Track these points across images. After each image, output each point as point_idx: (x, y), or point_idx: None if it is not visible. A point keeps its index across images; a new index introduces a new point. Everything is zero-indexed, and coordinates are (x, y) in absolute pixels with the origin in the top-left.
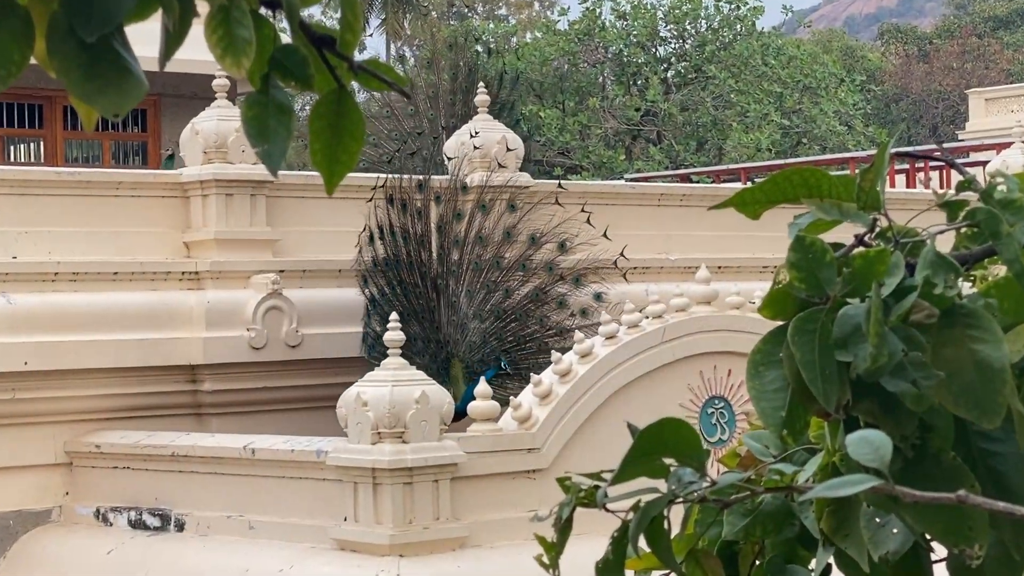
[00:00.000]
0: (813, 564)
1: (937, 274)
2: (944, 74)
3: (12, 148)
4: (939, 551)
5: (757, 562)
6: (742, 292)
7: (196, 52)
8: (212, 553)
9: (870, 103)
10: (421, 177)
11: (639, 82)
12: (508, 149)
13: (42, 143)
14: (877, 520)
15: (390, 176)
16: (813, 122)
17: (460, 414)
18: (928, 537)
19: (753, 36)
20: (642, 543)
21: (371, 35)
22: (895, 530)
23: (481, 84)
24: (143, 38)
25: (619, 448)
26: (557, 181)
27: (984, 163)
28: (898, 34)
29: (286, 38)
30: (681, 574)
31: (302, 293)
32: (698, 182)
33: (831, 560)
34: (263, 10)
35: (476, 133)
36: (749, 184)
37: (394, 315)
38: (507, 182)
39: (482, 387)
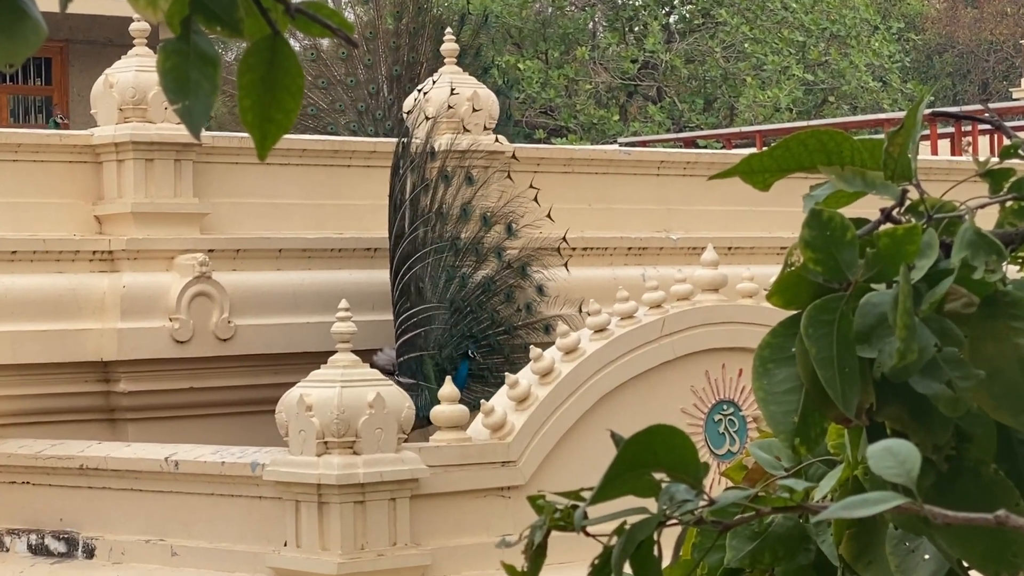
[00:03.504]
0: None
1: (977, 256)
2: (996, 21)
3: None
4: None
5: None
6: (756, 278)
7: None
8: None
9: (909, 55)
10: (403, 140)
11: (636, 29)
12: (474, 110)
13: None
14: (906, 544)
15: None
16: (842, 77)
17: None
18: (965, 564)
19: None
20: (628, 571)
21: None
22: (926, 556)
23: (449, 30)
24: None
25: (608, 462)
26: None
27: None
28: None
29: None
30: None
31: (235, 277)
32: (706, 147)
33: None
34: None
35: (455, 91)
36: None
37: (344, 303)
38: (471, 147)
39: (447, 388)
